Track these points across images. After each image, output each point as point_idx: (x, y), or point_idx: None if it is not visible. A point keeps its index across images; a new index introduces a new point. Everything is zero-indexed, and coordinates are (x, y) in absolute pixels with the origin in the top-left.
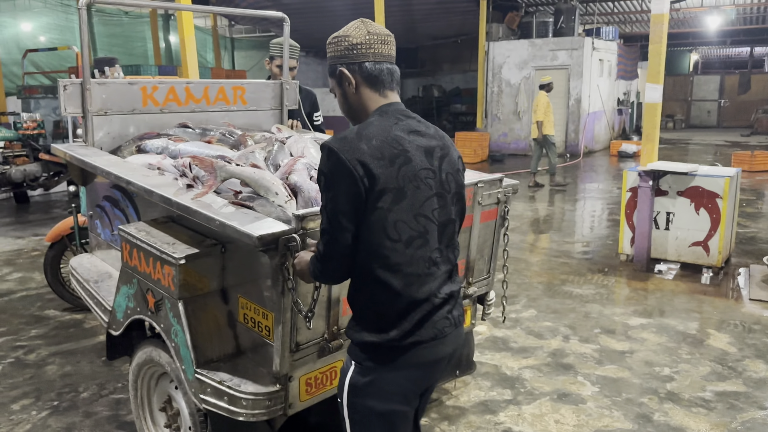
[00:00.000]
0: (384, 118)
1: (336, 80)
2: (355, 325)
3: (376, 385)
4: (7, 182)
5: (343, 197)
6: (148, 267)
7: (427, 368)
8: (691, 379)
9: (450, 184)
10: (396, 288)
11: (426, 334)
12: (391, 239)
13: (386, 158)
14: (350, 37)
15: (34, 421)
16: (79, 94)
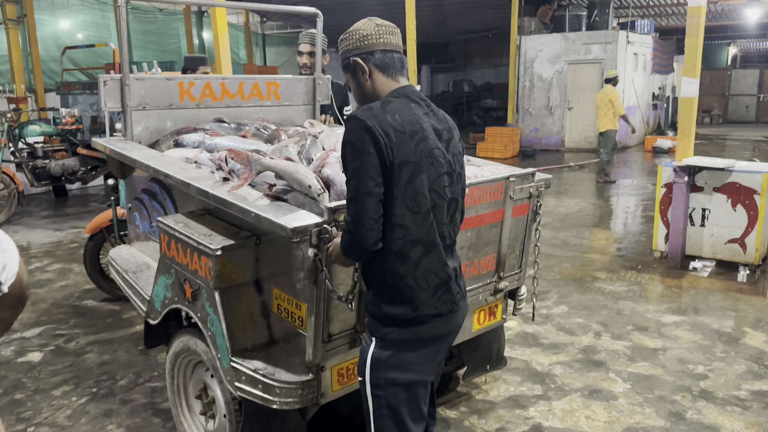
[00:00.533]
0: (403, 99)
1: (350, 72)
2: (374, 299)
3: (398, 357)
4: (46, 176)
5: (370, 163)
6: (186, 258)
7: (443, 339)
8: (726, 378)
9: (455, 165)
10: (414, 258)
11: (443, 307)
12: (411, 211)
13: (407, 132)
14: (360, 30)
15: (74, 407)
16: (119, 89)
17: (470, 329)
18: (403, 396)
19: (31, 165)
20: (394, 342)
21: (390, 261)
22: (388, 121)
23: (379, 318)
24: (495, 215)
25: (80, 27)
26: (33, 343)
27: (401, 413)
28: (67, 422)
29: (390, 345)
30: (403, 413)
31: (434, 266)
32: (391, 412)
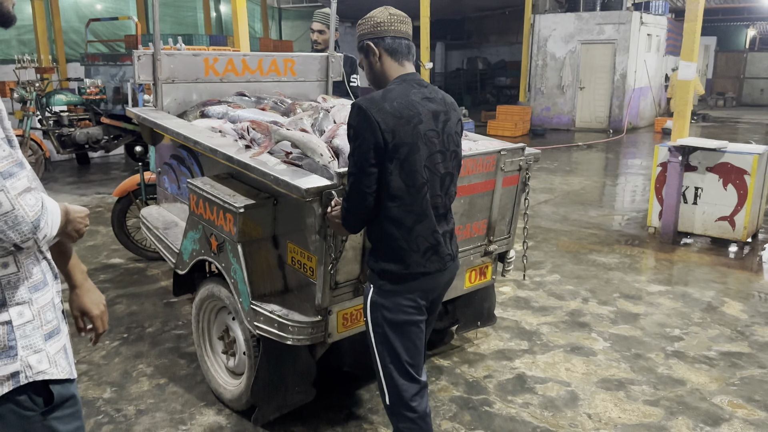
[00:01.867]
0: (403, 86)
1: (363, 53)
2: (373, 256)
3: (391, 300)
4: (71, 144)
5: (368, 145)
6: (212, 215)
7: (431, 292)
8: (699, 340)
9: (449, 144)
10: (408, 225)
11: (432, 267)
12: (406, 185)
13: (404, 117)
14: (374, 18)
15: (108, 349)
16: (151, 63)
17: (462, 287)
18: (397, 332)
19: (57, 133)
20: (388, 290)
21: (387, 226)
22: (386, 109)
23: (377, 272)
24: (487, 185)
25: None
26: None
27: (396, 346)
28: (102, 361)
29: (384, 292)
30: (397, 346)
31: (425, 232)
32: (387, 345)
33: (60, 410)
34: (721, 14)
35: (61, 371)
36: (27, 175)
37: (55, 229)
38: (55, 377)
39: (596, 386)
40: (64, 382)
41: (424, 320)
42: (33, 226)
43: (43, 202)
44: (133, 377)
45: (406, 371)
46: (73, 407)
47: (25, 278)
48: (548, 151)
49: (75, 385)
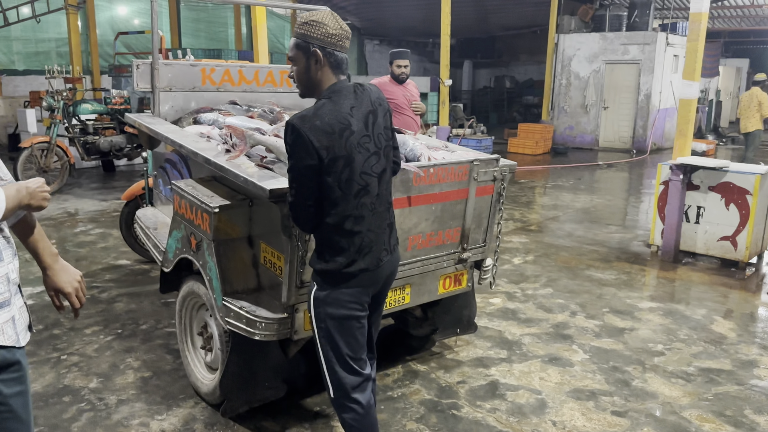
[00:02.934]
0: (333, 99)
1: (304, 54)
2: (315, 257)
3: (331, 296)
4: (96, 151)
5: (303, 162)
6: (192, 214)
7: (372, 286)
8: (680, 356)
9: (381, 141)
10: (347, 227)
11: (370, 264)
12: (344, 192)
13: (336, 132)
14: (328, 27)
15: (100, 343)
16: (149, 72)
17: (436, 292)
18: (338, 327)
19: (83, 140)
20: (329, 288)
21: (328, 229)
22: (318, 126)
23: (318, 271)
24: (459, 193)
25: (136, 13)
26: None
27: (337, 340)
28: (94, 354)
29: (325, 288)
30: (338, 340)
31: (362, 232)
32: (329, 339)
33: (5, 373)
34: (753, 36)
35: (8, 339)
36: None
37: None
38: (1, 344)
39: (567, 395)
40: (10, 348)
41: (366, 315)
42: None
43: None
44: (120, 370)
45: (348, 364)
46: (18, 372)
47: None
48: (567, 169)
49: (23, 352)
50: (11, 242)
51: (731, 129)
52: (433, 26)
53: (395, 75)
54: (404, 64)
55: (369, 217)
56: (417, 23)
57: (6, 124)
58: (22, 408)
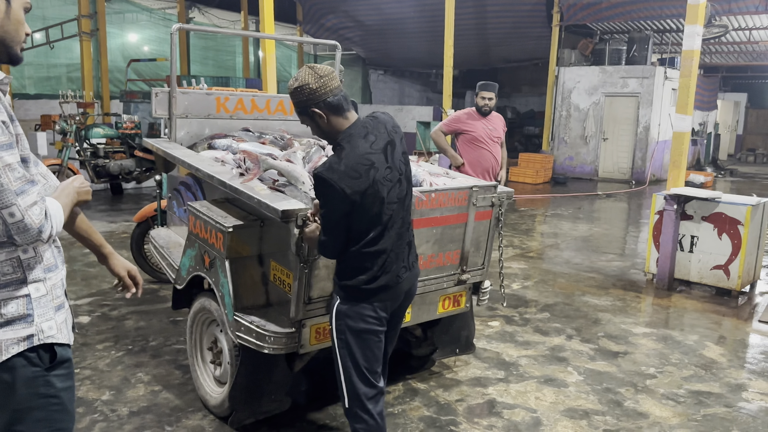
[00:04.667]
0: (351, 142)
1: (309, 117)
2: (339, 274)
3: (353, 310)
4: (106, 174)
5: (337, 212)
6: (206, 234)
7: (392, 300)
8: (672, 379)
9: (401, 167)
10: (370, 252)
11: (390, 281)
12: (373, 223)
13: (362, 175)
14: (308, 85)
15: (112, 358)
16: (167, 100)
17: (435, 312)
18: (357, 340)
19: (93, 163)
20: (351, 302)
21: (353, 253)
22: (343, 172)
23: (341, 286)
24: (459, 218)
25: (146, 41)
26: (84, 309)
27: (356, 352)
28: (106, 368)
29: (349, 304)
30: (356, 352)
31: (385, 254)
32: (349, 351)
33: (60, 369)
34: (750, 71)
35: (64, 337)
36: (37, 190)
37: (59, 225)
38: (60, 341)
39: (561, 414)
40: (65, 345)
41: (384, 331)
42: (37, 232)
43: (46, 211)
44: (131, 383)
45: (364, 376)
46: (69, 368)
47: (40, 261)
48: (567, 198)
49: (71, 350)
50: (61, 249)
51: (730, 162)
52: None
53: (479, 107)
54: (489, 96)
55: (392, 239)
56: (421, 54)
57: None
58: (70, 402)
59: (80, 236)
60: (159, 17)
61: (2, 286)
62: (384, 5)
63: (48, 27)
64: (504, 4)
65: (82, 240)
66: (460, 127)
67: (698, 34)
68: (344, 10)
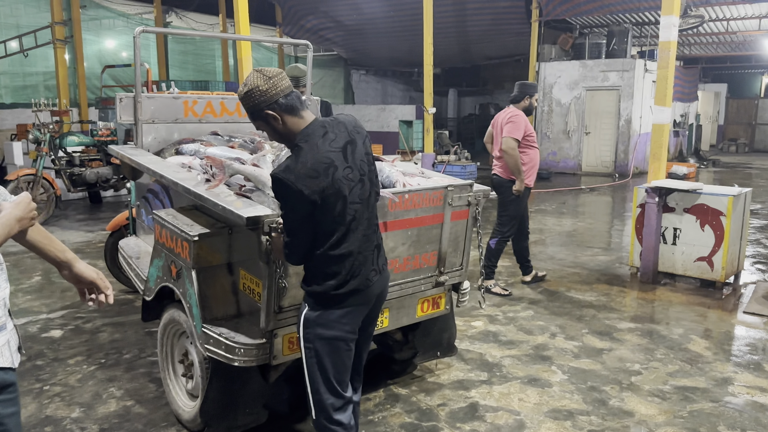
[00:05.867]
0: (309, 142)
1: (264, 121)
2: (307, 280)
3: (322, 317)
4: (82, 183)
5: (297, 211)
6: (173, 243)
7: (361, 306)
8: (657, 375)
9: (364, 168)
10: (337, 253)
11: (360, 284)
12: (338, 224)
13: (321, 173)
14: (258, 87)
15: (84, 373)
16: (132, 105)
17: (414, 315)
18: (327, 348)
19: (69, 172)
20: (321, 308)
21: (319, 258)
22: (302, 173)
23: (310, 292)
24: (435, 218)
25: (124, 47)
26: (56, 322)
27: (325, 361)
28: (77, 384)
29: (317, 309)
30: (326, 361)
31: (353, 256)
32: (318, 360)
33: (2, 394)
34: (729, 62)
35: (6, 360)
36: None
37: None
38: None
39: (545, 416)
40: (6, 369)
41: (354, 339)
42: None
43: None
44: (103, 399)
45: (332, 386)
46: (13, 393)
47: None
48: (550, 194)
49: (15, 373)
50: (4, 267)
51: (712, 152)
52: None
53: (530, 108)
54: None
55: (358, 241)
56: (402, 54)
57: None
58: (16, 428)
59: (35, 247)
60: (136, 22)
61: None
62: (363, 5)
63: (22, 35)
64: (482, 0)
65: (38, 251)
66: (527, 131)
67: (674, 24)
68: (323, 11)
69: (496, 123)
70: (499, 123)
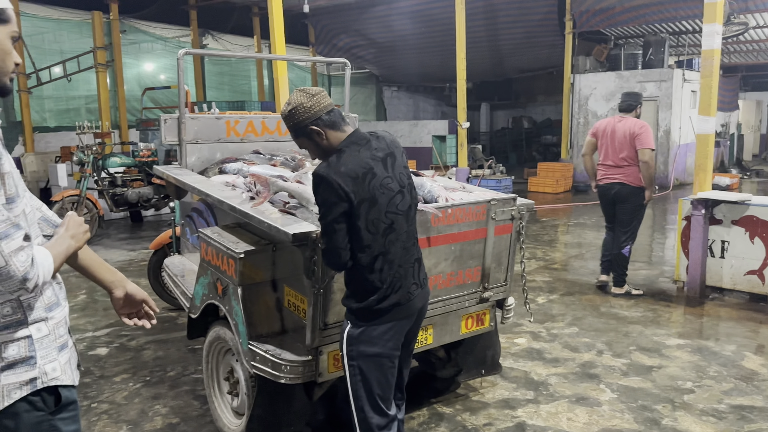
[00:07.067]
0: (351, 148)
1: (307, 137)
2: (348, 296)
3: (365, 334)
4: (124, 202)
5: (335, 208)
6: (219, 260)
7: (404, 320)
8: (711, 393)
9: (403, 180)
10: (377, 268)
11: (401, 299)
12: (372, 233)
13: (360, 176)
14: (302, 105)
15: (130, 390)
16: (176, 126)
17: (458, 332)
18: (371, 365)
19: (111, 192)
20: (363, 325)
21: (359, 271)
22: (342, 172)
23: (351, 309)
24: (478, 233)
25: (162, 69)
26: (102, 340)
27: (370, 379)
28: (123, 401)
29: (360, 326)
30: (370, 379)
31: (393, 269)
32: (362, 378)
33: (65, 412)
34: None
35: (68, 378)
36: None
37: (47, 275)
38: (64, 383)
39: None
40: (69, 387)
41: (398, 355)
42: (21, 279)
43: (33, 258)
44: (149, 416)
45: (377, 405)
46: (74, 411)
47: (40, 300)
48: (589, 207)
49: (76, 392)
50: (63, 286)
51: (755, 162)
52: (449, 71)
53: (638, 117)
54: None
55: (398, 253)
56: (434, 69)
57: (38, 179)
58: None
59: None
60: (174, 45)
61: (2, 328)
62: (395, 22)
63: (65, 60)
64: (515, 14)
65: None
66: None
67: (717, 32)
68: (356, 29)
69: (612, 133)
70: (620, 133)
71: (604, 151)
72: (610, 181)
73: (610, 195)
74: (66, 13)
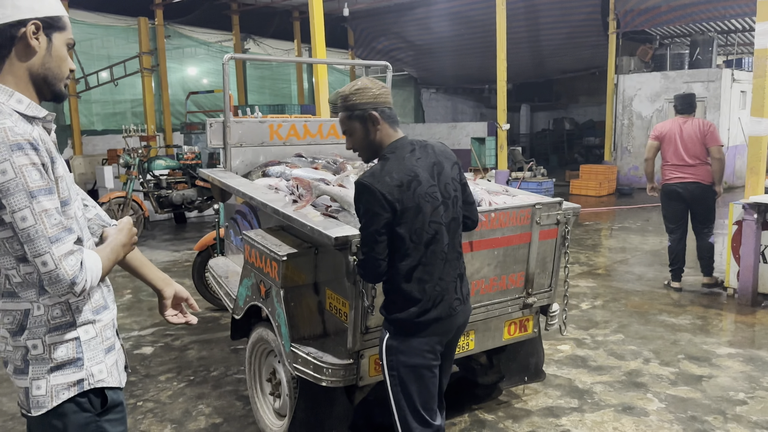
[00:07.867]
0: (397, 154)
1: (362, 122)
2: (387, 306)
3: (405, 344)
4: (169, 204)
5: (377, 219)
6: (262, 263)
7: (444, 334)
8: (765, 405)
9: (449, 191)
10: (417, 277)
11: (442, 313)
12: (414, 243)
13: (404, 185)
14: (372, 89)
15: (174, 389)
16: (221, 130)
17: (500, 338)
18: (411, 376)
19: (156, 194)
20: (402, 336)
21: (399, 280)
22: (387, 181)
23: (390, 320)
24: (522, 237)
25: (205, 73)
26: (147, 339)
27: (410, 389)
28: (168, 400)
29: (398, 337)
30: (411, 390)
31: (434, 282)
32: (402, 388)
33: (111, 413)
34: None
35: (115, 380)
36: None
37: (95, 280)
38: (111, 385)
39: None
40: (116, 389)
41: (438, 364)
42: (70, 284)
43: (82, 262)
44: (193, 416)
45: (420, 415)
46: (121, 413)
47: (89, 302)
48: (634, 210)
49: (123, 393)
50: (111, 289)
51: None
52: (488, 73)
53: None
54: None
55: (439, 265)
56: (472, 71)
57: (85, 181)
58: None
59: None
60: (216, 50)
61: (51, 329)
62: (434, 25)
63: (112, 65)
64: (557, 15)
65: (138, 274)
66: None
67: None
68: (395, 32)
69: (680, 134)
70: (689, 133)
71: (672, 152)
72: (682, 181)
73: (682, 194)
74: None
